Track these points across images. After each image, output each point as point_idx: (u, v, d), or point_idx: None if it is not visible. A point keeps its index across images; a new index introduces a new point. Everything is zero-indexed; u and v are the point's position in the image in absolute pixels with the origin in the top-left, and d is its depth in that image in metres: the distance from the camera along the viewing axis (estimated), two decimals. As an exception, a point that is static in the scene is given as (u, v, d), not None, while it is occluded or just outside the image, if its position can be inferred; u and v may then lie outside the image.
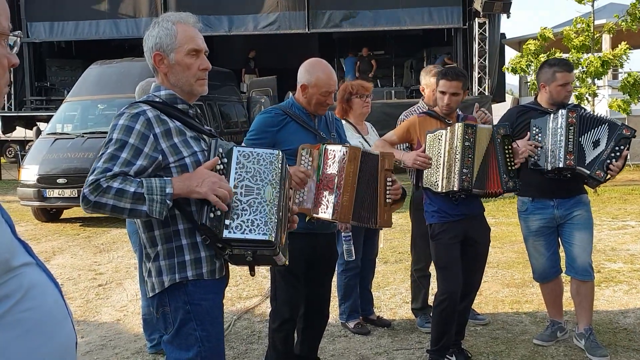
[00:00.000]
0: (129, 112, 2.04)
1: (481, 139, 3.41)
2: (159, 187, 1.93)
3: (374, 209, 3.07)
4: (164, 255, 2.06)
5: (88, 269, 6.41)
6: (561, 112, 3.61)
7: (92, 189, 1.90)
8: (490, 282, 5.35)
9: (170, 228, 2.05)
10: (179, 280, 2.05)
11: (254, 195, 2.02)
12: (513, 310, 4.63)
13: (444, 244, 3.49)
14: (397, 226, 8.06)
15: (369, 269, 4.48)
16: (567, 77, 3.71)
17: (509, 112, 3.94)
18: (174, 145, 2.05)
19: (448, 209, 3.47)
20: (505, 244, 6.87)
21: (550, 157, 3.61)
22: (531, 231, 3.82)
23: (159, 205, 1.92)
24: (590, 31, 10.90)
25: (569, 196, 3.73)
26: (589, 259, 3.75)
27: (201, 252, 2.06)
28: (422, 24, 16.43)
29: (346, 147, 3.01)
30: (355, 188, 2.99)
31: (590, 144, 3.59)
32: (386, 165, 3.10)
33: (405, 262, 5.98)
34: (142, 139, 2.00)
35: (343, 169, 2.95)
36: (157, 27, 2.15)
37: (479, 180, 3.38)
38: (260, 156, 2.08)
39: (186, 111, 2.16)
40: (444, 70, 3.62)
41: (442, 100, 3.53)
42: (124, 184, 1.91)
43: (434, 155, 3.41)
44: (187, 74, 2.14)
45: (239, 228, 1.98)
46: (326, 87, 3.08)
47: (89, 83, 10.75)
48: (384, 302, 4.93)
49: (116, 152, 1.97)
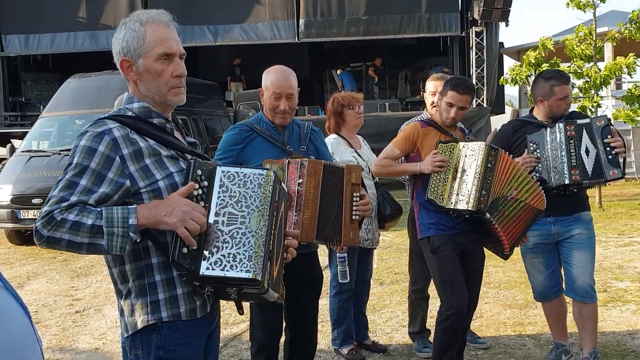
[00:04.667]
0: (92, 131, 1.87)
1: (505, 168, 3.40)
2: (120, 217, 1.77)
3: (339, 227, 2.94)
4: (136, 292, 1.91)
5: (65, 294, 6.38)
6: (558, 127, 3.67)
7: (45, 221, 1.75)
8: (491, 304, 5.37)
9: (143, 262, 1.90)
10: (152, 322, 1.90)
11: (238, 224, 1.85)
12: (515, 332, 4.65)
13: (446, 256, 3.49)
14: (393, 245, 8.08)
15: (363, 291, 4.49)
16: (565, 90, 3.76)
17: (504, 130, 3.98)
18: (145, 168, 1.89)
19: (446, 222, 3.49)
20: (507, 263, 6.85)
21: (553, 173, 3.65)
22: (528, 248, 3.85)
23: (120, 239, 1.76)
24: (592, 39, 11.05)
25: (567, 213, 3.76)
26: (589, 280, 3.77)
27: (177, 288, 1.91)
28: (417, 32, 16.55)
29: (306, 160, 2.92)
30: (318, 204, 2.86)
31: (584, 153, 3.65)
32: (352, 179, 2.97)
33: (402, 283, 5.99)
34: (105, 162, 1.83)
35: (303, 185, 2.85)
36: (124, 28, 1.97)
37: (493, 207, 3.36)
38: (248, 177, 1.89)
39: (163, 126, 2.00)
40: (456, 82, 3.58)
41: (449, 113, 3.55)
42: (81, 215, 1.75)
43: (444, 167, 3.43)
44: (158, 82, 1.96)
45: (218, 264, 1.80)
46: (274, 88, 3.08)
47: (67, 97, 10.77)
48: (380, 326, 4.92)
49: (74, 178, 1.81)
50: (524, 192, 3.39)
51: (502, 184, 3.37)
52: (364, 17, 16.45)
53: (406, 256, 4.59)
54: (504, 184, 3.37)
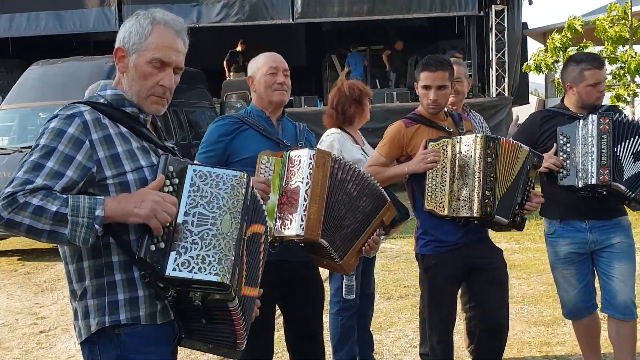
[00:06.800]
0: (62, 114, 2.00)
1: (509, 157, 3.38)
2: (87, 207, 1.86)
3: (349, 245, 3.02)
4: (93, 292, 2.01)
5: (28, 312, 6.37)
6: (591, 118, 3.65)
7: (6, 203, 1.83)
8: (514, 321, 5.37)
9: (102, 259, 1.99)
10: (109, 325, 1.99)
11: (208, 225, 1.96)
12: (542, 353, 4.66)
13: (439, 280, 3.49)
14: (401, 254, 8.09)
15: (368, 305, 4.49)
16: (597, 76, 3.74)
17: (532, 118, 3.98)
18: (115, 156, 2.00)
19: (445, 236, 3.44)
20: (532, 274, 6.92)
21: (581, 171, 3.64)
22: (559, 258, 3.85)
23: (84, 230, 1.85)
24: (627, 19, 11.08)
25: (605, 217, 3.75)
26: (631, 295, 3.77)
27: (139, 290, 2.01)
28: (429, 11, 16.50)
29: (313, 150, 3.01)
30: (325, 199, 2.94)
31: (630, 155, 3.62)
32: (386, 217, 3.12)
33: (412, 297, 6.00)
34: (75, 145, 1.94)
35: (310, 176, 2.92)
36: (134, 19, 2.13)
37: (503, 207, 3.34)
38: (221, 178, 2.03)
39: (136, 116, 2.12)
40: (425, 60, 3.55)
41: (427, 97, 3.48)
42: (45, 200, 1.83)
43: (439, 169, 3.40)
44: (141, 84, 2.10)
45: (186, 265, 1.91)
46: (269, 64, 3.24)
47: (29, 87, 10.78)
48: (387, 347, 4.94)
49: (41, 160, 1.90)
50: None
51: (506, 175, 3.35)
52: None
53: (416, 267, 4.58)
54: (508, 175, 3.35)
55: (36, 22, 16.74)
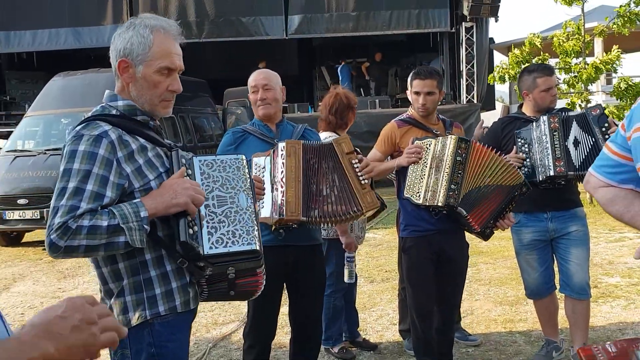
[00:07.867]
0: (89, 135, 1.89)
1: (481, 161, 3.37)
2: (132, 212, 1.82)
3: (353, 197, 3.05)
4: (130, 289, 1.95)
5: (51, 296, 6.34)
6: (542, 119, 3.68)
7: (60, 232, 1.77)
8: (482, 301, 5.40)
9: (137, 259, 1.94)
10: (150, 318, 1.94)
11: (229, 204, 1.99)
12: (506, 329, 4.68)
13: (414, 260, 3.54)
14: (383, 242, 8.11)
15: (353, 285, 4.49)
16: (549, 82, 3.78)
17: (494, 128, 4.00)
18: (139, 169, 1.95)
19: (423, 221, 3.48)
20: (498, 259, 6.94)
21: (540, 167, 3.66)
22: (523, 244, 3.87)
23: (138, 232, 1.82)
24: (580, 35, 11.11)
25: (563, 209, 3.79)
26: (586, 277, 3.80)
27: (172, 282, 1.97)
28: (407, 28, 16.58)
29: (283, 142, 3.07)
30: (300, 182, 2.99)
31: (571, 145, 3.64)
32: (345, 149, 3.10)
33: (392, 280, 6.01)
34: (106, 165, 1.87)
35: (284, 165, 3.00)
36: (131, 30, 2.00)
37: (466, 201, 3.36)
38: (225, 163, 2.06)
39: (146, 123, 2.05)
40: (417, 70, 3.67)
41: (417, 102, 3.57)
42: (94, 219, 1.79)
43: (420, 164, 3.42)
44: (152, 93, 2.01)
45: (220, 242, 1.93)
46: (251, 84, 3.30)
47: (52, 96, 10.70)
48: (370, 324, 4.94)
49: (80, 184, 1.83)
50: (498, 177, 3.36)
51: (475, 175, 3.36)
52: (353, 13, 16.46)
53: (396, 254, 4.60)
54: (477, 175, 3.36)
55: (57, 37, 16.64)
